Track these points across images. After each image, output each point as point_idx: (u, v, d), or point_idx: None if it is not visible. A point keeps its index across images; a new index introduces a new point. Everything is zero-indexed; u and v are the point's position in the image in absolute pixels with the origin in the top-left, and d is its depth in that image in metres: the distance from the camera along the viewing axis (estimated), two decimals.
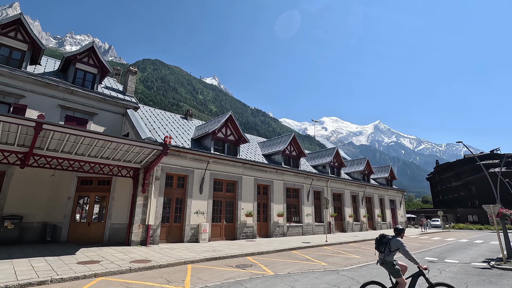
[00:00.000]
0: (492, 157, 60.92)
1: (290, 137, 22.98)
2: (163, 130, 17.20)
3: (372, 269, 9.60)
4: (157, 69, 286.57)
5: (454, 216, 56.50)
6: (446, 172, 75.50)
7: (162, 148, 11.62)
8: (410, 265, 7.63)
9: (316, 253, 13.47)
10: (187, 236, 14.80)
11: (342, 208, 26.61)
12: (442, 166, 79.46)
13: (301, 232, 21.43)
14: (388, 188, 34.71)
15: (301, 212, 21.99)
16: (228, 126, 18.64)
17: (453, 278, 8.43)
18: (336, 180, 26.27)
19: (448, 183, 73.26)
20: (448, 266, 10.64)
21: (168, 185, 15.02)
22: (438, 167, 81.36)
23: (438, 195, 79.17)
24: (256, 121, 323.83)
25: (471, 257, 13.03)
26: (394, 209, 35.39)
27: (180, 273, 8.48)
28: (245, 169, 18.49)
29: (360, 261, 11.44)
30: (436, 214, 50.39)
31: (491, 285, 7.67)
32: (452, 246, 18.02)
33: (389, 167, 36.76)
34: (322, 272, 8.97)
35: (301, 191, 22.40)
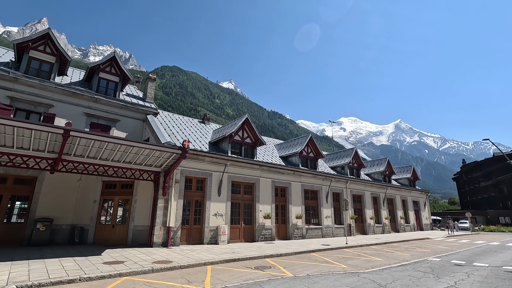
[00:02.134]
0: None
1: (307, 138, 22.83)
2: (182, 134, 17.63)
3: (395, 272, 9.35)
4: (175, 75, 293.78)
5: (484, 218, 53.56)
6: (474, 172, 71.82)
7: (181, 151, 11.93)
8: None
9: (336, 255, 13.27)
10: (206, 238, 15.04)
11: (362, 210, 26.01)
12: (469, 166, 75.66)
13: (321, 235, 21.16)
14: (411, 189, 33.54)
15: (320, 214, 21.72)
16: (245, 129, 18.81)
17: (482, 282, 8.04)
18: (355, 181, 25.75)
19: (476, 183, 69.64)
20: (477, 269, 10.15)
21: (187, 188, 15.37)
22: (465, 167, 77.56)
23: (466, 196, 75.39)
24: (273, 124, 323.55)
25: (503, 261, 12.34)
26: (418, 210, 34.11)
27: (200, 274, 8.65)
28: (262, 171, 18.56)
29: (382, 263, 11.16)
30: (464, 216, 48.01)
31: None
32: (481, 249, 17.13)
33: (411, 167, 35.55)
34: (342, 275, 8.84)
35: (320, 193, 22.14)
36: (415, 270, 9.82)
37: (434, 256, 13.38)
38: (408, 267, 10.42)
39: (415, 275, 8.88)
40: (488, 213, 52.86)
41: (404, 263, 11.22)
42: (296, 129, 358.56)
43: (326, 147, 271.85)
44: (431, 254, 14.13)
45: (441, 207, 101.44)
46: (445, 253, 14.90)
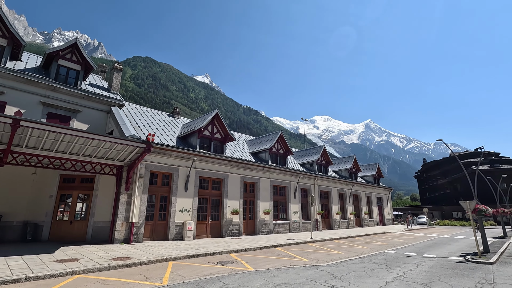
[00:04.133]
0: (476, 155, 62.54)
1: (277, 135, 23.12)
2: (148, 128, 17.08)
3: (352, 264, 9.81)
4: (148, 67, 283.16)
5: (439, 213, 57.82)
6: (433, 170, 77.15)
7: (145, 145, 11.56)
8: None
9: (300, 249, 13.64)
10: (171, 234, 14.78)
11: (329, 206, 26.95)
12: (429, 164, 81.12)
13: (288, 230, 21.63)
14: (375, 186, 35.28)
15: (288, 210, 22.18)
16: (215, 124, 18.63)
17: (428, 272, 8.69)
18: (323, 178, 26.57)
19: (435, 181, 74.91)
20: (426, 260, 10.94)
21: (152, 183, 14.96)
22: (425, 165, 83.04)
23: (426, 193, 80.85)
24: (248, 120, 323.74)
25: (450, 252, 13.41)
26: (381, 206, 36.02)
27: (160, 270, 8.49)
28: (231, 167, 18.53)
29: (341, 257, 11.66)
30: (422, 211, 51.48)
31: (463, 278, 7.94)
32: (433, 241, 18.47)
33: (376, 165, 37.34)
34: (302, 268, 9.11)
35: (288, 189, 22.59)
36: (371, 262, 10.37)
37: (390, 249, 14.22)
38: (365, 259, 10.98)
39: (370, 267, 9.38)
40: (443, 208, 57.09)
41: (362, 256, 11.80)
42: (271, 126, 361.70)
43: (299, 145, 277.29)
44: (388, 247, 15.00)
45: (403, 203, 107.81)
46: (401, 246, 15.89)
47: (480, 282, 7.46)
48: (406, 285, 7.04)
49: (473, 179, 16.28)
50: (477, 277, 8.02)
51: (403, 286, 6.94)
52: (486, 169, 53.17)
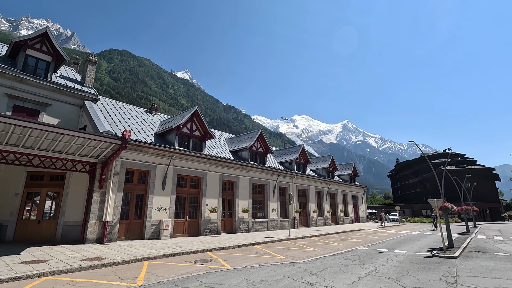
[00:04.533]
0: (445, 156, 66.19)
1: (257, 133, 23.21)
2: (124, 123, 16.53)
3: (327, 261, 10.08)
4: (125, 60, 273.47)
5: (410, 211, 60.70)
6: (405, 170, 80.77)
7: (121, 142, 11.18)
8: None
9: (277, 247, 13.81)
10: (147, 233, 14.43)
11: (307, 204, 27.47)
12: (401, 164, 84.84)
13: (266, 228, 21.82)
14: (351, 185, 36.40)
15: (267, 208, 22.37)
16: (194, 121, 18.37)
17: (398, 267, 9.11)
18: (301, 176, 27.02)
19: (406, 180, 78.50)
20: (396, 256, 11.47)
21: (128, 180, 14.51)
22: (398, 165, 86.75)
23: (398, 191, 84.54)
24: (229, 118, 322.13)
25: (418, 248, 14.14)
26: (356, 204, 37.23)
27: (135, 270, 8.28)
28: (210, 165, 18.38)
29: (317, 253, 11.94)
30: (394, 209, 53.82)
31: (429, 272, 8.41)
32: (404, 238, 19.39)
33: (352, 164, 38.51)
34: (279, 265, 9.24)
35: (267, 187, 22.77)
36: (345, 258, 10.71)
37: (364, 246, 14.75)
38: (340, 256, 11.32)
39: (344, 263, 9.69)
40: (414, 206, 59.99)
41: (337, 253, 12.16)
42: (251, 124, 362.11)
43: (279, 143, 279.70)
44: (362, 244, 15.55)
45: (377, 201, 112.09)
46: (374, 242, 16.53)
47: (444, 275, 7.93)
48: (378, 280, 7.34)
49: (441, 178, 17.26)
50: (442, 271, 8.52)
51: (375, 281, 7.24)
52: (452, 169, 56.47)
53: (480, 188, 51.78)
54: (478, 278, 7.66)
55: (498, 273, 8.34)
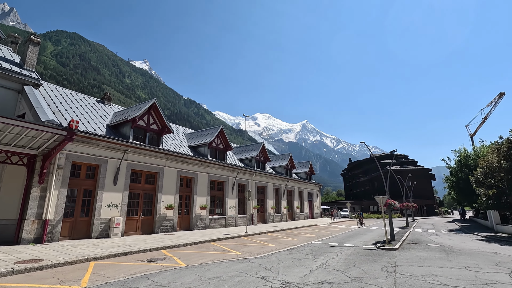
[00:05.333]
0: (391, 157, 72.25)
1: (218, 129, 22.96)
2: (72, 113, 15.14)
3: (282, 256, 10.38)
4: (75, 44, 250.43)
5: (360, 207, 65.25)
6: (356, 169, 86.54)
7: (66, 133, 10.25)
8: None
9: (234, 243, 13.86)
10: (95, 232, 13.45)
11: (265, 201, 27.97)
12: (353, 164, 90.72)
13: (224, 224, 21.76)
14: (308, 182, 37.93)
15: (225, 205, 22.29)
16: (151, 114, 17.53)
17: (346, 259, 9.73)
18: (261, 173, 27.42)
19: (357, 179, 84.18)
20: (345, 249, 12.25)
21: (74, 175, 13.35)
22: (350, 165, 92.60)
23: (349, 189, 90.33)
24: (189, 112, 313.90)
25: (365, 241, 15.26)
26: (312, 201, 38.92)
27: (79, 271, 7.67)
28: (167, 160, 17.73)
29: (273, 249, 12.24)
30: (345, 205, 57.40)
31: (373, 263, 9.12)
32: (353, 232, 20.78)
33: (309, 163, 40.13)
34: (235, 261, 9.28)
35: (226, 184, 22.68)
36: (299, 253, 11.14)
37: (317, 240, 15.49)
38: (294, 250, 11.74)
39: (298, 257, 10.07)
40: (363, 203, 64.61)
41: (292, 247, 12.60)
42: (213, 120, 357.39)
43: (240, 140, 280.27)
44: (315, 239, 16.31)
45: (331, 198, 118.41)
46: (326, 237, 17.45)
47: (386, 265, 8.68)
48: (327, 272, 7.77)
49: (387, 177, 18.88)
50: (383, 262, 9.31)
51: (325, 273, 7.65)
52: (397, 169, 61.95)
53: (419, 187, 57.56)
54: (413, 267, 8.52)
55: (429, 262, 9.36)
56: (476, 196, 22.02)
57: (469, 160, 28.84)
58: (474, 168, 24.16)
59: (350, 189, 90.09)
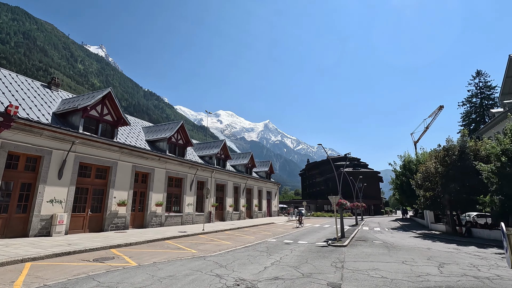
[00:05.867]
0: (345, 159, 76.73)
1: (178, 124, 22.28)
2: (11, 97, 13.50)
3: (238, 253, 10.45)
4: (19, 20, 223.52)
5: (315, 206, 68.30)
6: (313, 170, 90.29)
7: (3, 119, 9.14)
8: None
9: (190, 241, 13.60)
10: (34, 229, 12.20)
11: (224, 198, 27.87)
12: (311, 165, 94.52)
13: (180, 222, 21.21)
14: (267, 181, 38.63)
15: (183, 202, 21.74)
16: (106, 104, 16.39)
17: (299, 256, 10.12)
18: (221, 171, 27.24)
19: (314, 179, 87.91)
20: (299, 246, 12.73)
21: (11, 166, 11.96)
22: (308, 165, 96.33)
23: (306, 188, 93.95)
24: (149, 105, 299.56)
25: (318, 238, 16.01)
26: (270, 199, 39.73)
27: (12, 273, 6.91)
28: (122, 154, 16.74)
29: (229, 246, 12.26)
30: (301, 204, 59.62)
31: (324, 259, 9.62)
32: (307, 230, 21.66)
33: (269, 162, 40.88)
34: (190, 259, 9.11)
35: (185, 181, 22.13)
36: (255, 250, 11.31)
37: (273, 238, 15.87)
38: (250, 248, 11.89)
39: (253, 255, 10.22)
40: (318, 202, 67.68)
41: (248, 245, 12.74)
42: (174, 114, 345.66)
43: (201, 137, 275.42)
44: (271, 236, 16.69)
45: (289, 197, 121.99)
46: (282, 234, 17.95)
47: (335, 261, 9.21)
48: (281, 268, 8.01)
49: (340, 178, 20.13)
50: (333, 258, 9.87)
51: (278, 269, 7.87)
52: (350, 171, 65.98)
53: (369, 188, 62.01)
54: (359, 262, 9.17)
55: (373, 257, 10.15)
56: (416, 198, 24.40)
57: (412, 165, 31.81)
58: (415, 172, 26.71)
59: (307, 189, 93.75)
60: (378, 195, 72.37)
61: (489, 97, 44.85)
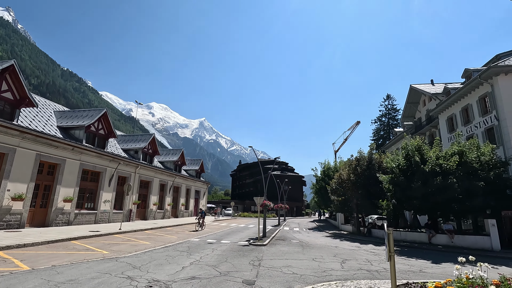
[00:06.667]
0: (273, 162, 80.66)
1: (101, 112, 20.13)
2: None
3: (156, 254, 9.96)
4: None
5: (243, 206, 69.87)
6: (244, 171, 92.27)
7: None
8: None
9: (103, 242, 12.39)
10: None
11: (148, 196, 26.22)
12: (242, 166, 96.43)
13: (94, 220, 19.12)
14: (197, 180, 37.86)
15: (98, 198, 19.66)
16: (6, 78, 13.75)
17: (220, 255, 10.20)
18: (147, 167, 25.58)
19: (244, 180, 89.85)
20: (221, 245, 12.83)
21: None
22: (239, 166, 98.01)
23: (236, 189, 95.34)
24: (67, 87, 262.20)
25: (240, 238, 16.40)
26: (198, 199, 39.02)
27: None
28: (23, 140, 14.25)
29: (147, 247, 11.59)
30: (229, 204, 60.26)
31: (243, 257, 9.90)
32: (232, 230, 21.99)
33: (200, 161, 40.22)
34: (99, 261, 8.30)
35: (103, 175, 20.06)
36: (175, 250, 10.95)
37: (196, 237, 15.61)
38: (170, 248, 11.46)
39: (173, 255, 9.88)
40: (246, 202, 69.40)
41: (169, 245, 12.26)
42: (98, 101, 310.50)
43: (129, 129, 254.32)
44: (194, 236, 16.39)
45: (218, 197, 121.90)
46: (206, 234, 17.81)
47: (253, 259, 9.58)
48: (199, 268, 7.95)
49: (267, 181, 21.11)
50: (252, 256, 10.25)
51: (197, 269, 7.80)
52: (278, 174, 69.61)
53: (293, 191, 66.39)
54: (276, 260, 9.74)
55: (288, 255, 10.91)
56: (331, 201, 27.17)
57: (330, 172, 35.33)
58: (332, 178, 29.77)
59: (237, 189, 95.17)
60: (300, 198, 78.10)
61: (394, 118, 53.17)
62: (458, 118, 23.00)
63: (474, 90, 20.95)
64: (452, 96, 22.97)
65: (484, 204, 14.70)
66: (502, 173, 15.61)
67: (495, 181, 14.92)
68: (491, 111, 19.26)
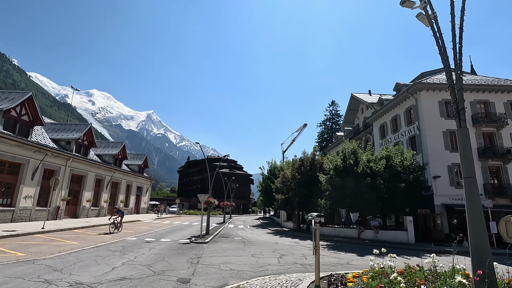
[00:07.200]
0: (221, 160, 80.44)
1: (25, 96, 17.66)
2: None
3: (83, 254, 9.14)
4: None
5: (189, 204, 68.12)
6: (192, 168, 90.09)
7: None
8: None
9: (19, 242, 10.92)
10: None
11: (80, 192, 23.87)
12: (190, 162, 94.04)
13: (10, 219, 16.70)
14: (139, 176, 35.70)
15: (18, 194, 17.23)
16: None
17: (157, 254, 9.78)
18: (81, 160, 23.24)
19: (192, 177, 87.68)
20: (160, 244, 12.31)
21: None
22: (188, 163, 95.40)
23: (183, 186, 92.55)
24: None
25: (182, 236, 15.95)
26: (140, 195, 36.86)
27: None
28: None
29: (75, 247, 10.56)
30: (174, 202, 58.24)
31: (182, 256, 9.64)
32: (174, 228, 21.27)
33: (144, 155, 38.04)
34: (11, 264, 7.30)
35: (25, 167, 17.64)
36: (107, 250, 10.17)
37: (133, 236, 14.72)
38: (101, 248, 10.61)
39: (103, 255, 9.16)
40: (192, 200, 67.82)
41: (100, 245, 11.33)
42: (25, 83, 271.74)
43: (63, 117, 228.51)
44: (132, 235, 15.44)
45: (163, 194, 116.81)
46: (145, 232, 16.92)
47: (192, 257, 9.41)
48: (132, 267, 7.51)
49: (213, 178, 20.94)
50: (192, 254, 10.05)
51: (129, 269, 7.35)
52: (226, 172, 69.54)
53: (241, 189, 66.99)
54: (215, 257, 9.71)
55: (229, 252, 10.98)
56: (276, 200, 28.12)
57: (276, 171, 36.55)
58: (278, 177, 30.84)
59: (184, 186, 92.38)
60: (248, 196, 79.22)
61: (337, 123, 57.30)
62: (388, 126, 25.78)
63: (402, 103, 23.71)
64: (385, 106, 25.67)
65: (404, 203, 16.78)
66: (420, 176, 17.99)
67: (414, 183, 17.13)
68: (414, 121, 22.02)
